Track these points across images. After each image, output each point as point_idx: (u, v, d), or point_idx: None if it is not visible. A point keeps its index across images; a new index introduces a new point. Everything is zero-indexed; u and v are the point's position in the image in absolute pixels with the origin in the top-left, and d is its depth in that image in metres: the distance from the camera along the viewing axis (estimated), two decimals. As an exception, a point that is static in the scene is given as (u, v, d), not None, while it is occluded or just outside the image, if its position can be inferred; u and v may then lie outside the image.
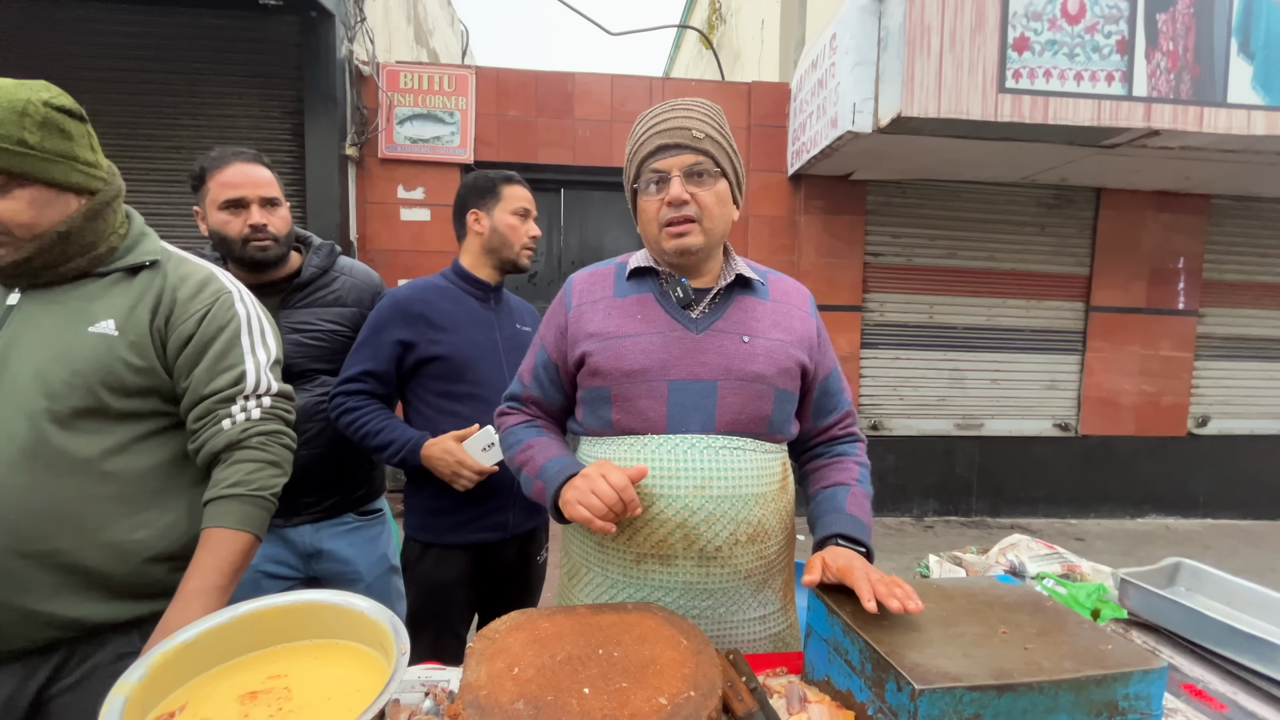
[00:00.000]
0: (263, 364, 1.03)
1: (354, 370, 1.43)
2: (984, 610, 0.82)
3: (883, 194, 4.39)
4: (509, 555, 1.54)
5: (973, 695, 0.64)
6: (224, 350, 0.99)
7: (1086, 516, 4.71)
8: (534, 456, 1.01)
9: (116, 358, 0.91)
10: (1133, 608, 1.05)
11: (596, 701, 0.64)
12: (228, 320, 1.00)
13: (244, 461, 0.96)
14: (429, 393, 1.48)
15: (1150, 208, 4.53)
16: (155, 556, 0.92)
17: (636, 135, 1.00)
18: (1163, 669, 0.70)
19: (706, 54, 7.19)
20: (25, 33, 3.60)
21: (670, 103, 0.99)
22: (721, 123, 1.00)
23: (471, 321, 1.51)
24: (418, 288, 1.50)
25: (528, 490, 1.01)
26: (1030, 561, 1.73)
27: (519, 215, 1.56)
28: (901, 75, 3.06)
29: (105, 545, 0.88)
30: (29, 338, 0.89)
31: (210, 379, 0.97)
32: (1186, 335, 4.67)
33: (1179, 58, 3.16)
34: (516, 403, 1.13)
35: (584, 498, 0.85)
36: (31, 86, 0.87)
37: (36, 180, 0.87)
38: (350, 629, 0.77)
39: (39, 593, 0.85)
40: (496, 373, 1.50)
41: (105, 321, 0.92)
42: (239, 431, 0.97)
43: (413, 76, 4.02)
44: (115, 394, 0.91)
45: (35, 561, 0.84)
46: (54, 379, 0.87)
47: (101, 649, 0.92)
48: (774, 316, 1.03)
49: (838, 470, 1.07)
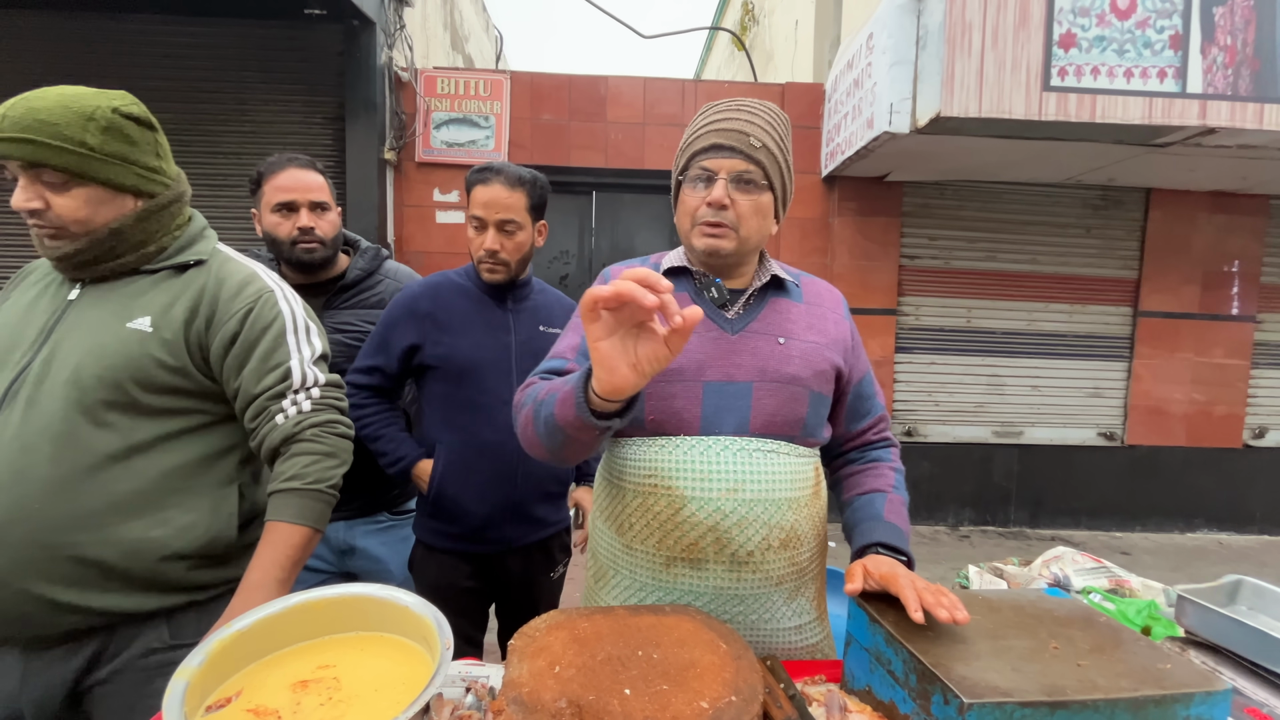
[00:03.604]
0: (307, 359, 1.04)
1: (365, 363, 1.43)
2: (1033, 624, 0.79)
3: (919, 195, 4.30)
4: (514, 567, 1.48)
5: (1024, 712, 0.62)
6: (271, 349, 1.00)
7: (1133, 530, 4.53)
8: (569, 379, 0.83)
9: (147, 354, 0.92)
10: (1191, 626, 1.01)
11: (638, 703, 0.64)
12: (272, 319, 1.01)
13: (300, 455, 0.98)
14: (434, 397, 1.44)
15: (1204, 209, 4.33)
16: (171, 555, 0.93)
17: (695, 127, 0.98)
18: (1227, 691, 0.66)
19: (739, 56, 7.16)
20: (88, 45, 3.79)
21: (736, 101, 0.97)
22: (784, 134, 0.98)
23: (482, 323, 1.43)
24: (430, 284, 1.45)
25: (551, 408, 0.81)
26: (1075, 575, 1.67)
27: (474, 226, 1.40)
28: (941, 74, 2.99)
29: (120, 542, 0.89)
30: (77, 331, 0.92)
31: (260, 378, 0.99)
32: (1242, 342, 4.45)
33: (1237, 52, 3.02)
34: (554, 375, 0.97)
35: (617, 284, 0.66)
36: (109, 95, 0.93)
37: (94, 180, 0.91)
38: (395, 622, 0.78)
39: (61, 582, 0.86)
40: (503, 381, 1.41)
41: (142, 318, 0.94)
42: (292, 425, 0.99)
43: (449, 82, 4.10)
44: (144, 390, 0.92)
45: (54, 551, 0.86)
46: (87, 372, 0.89)
47: (133, 642, 0.93)
48: (808, 319, 1.02)
49: (873, 476, 1.05)
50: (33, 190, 0.89)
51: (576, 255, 4.40)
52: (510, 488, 1.42)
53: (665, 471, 0.94)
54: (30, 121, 0.86)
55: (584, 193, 4.34)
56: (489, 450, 1.40)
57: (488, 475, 1.40)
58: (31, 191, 0.89)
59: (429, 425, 1.45)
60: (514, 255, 1.41)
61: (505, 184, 1.39)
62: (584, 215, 4.38)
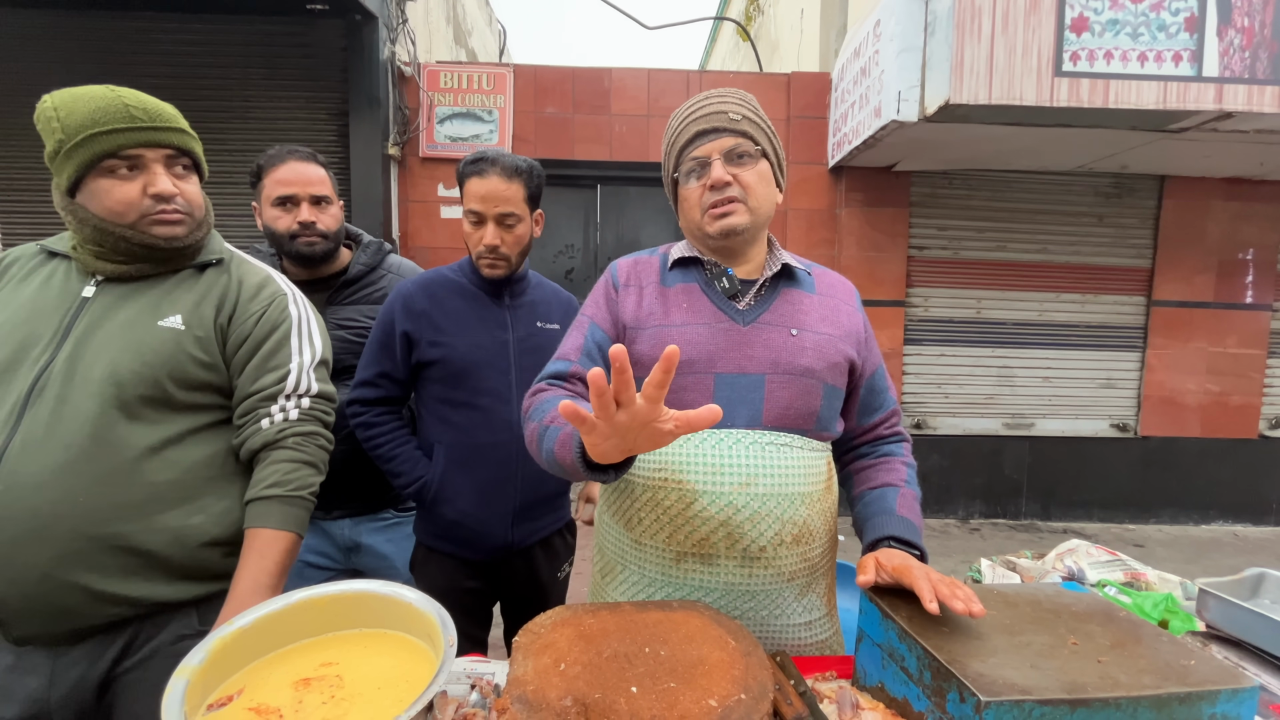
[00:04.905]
0: (306, 364, 1.06)
1: (370, 373, 1.38)
2: (1050, 619, 0.77)
3: (928, 185, 4.24)
4: (517, 568, 1.44)
5: (1043, 710, 0.60)
6: (273, 350, 1.03)
7: (1147, 522, 4.47)
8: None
9: (183, 351, 0.95)
10: (1212, 620, 0.98)
11: (645, 701, 0.62)
12: (280, 321, 1.05)
13: (281, 461, 0.99)
14: (430, 397, 1.39)
15: (1219, 196, 4.25)
16: (211, 541, 0.96)
17: (674, 126, 1.00)
18: (1254, 688, 0.64)
19: (744, 46, 7.09)
20: (86, 42, 3.79)
21: (704, 93, 0.99)
22: (756, 106, 0.99)
23: (478, 321, 1.38)
24: (424, 281, 1.40)
25: (551, 445, 0.82)
26: (1090, 568, 1.64)
27: (471, 220, 1.34)
28: (950, 61, 2.94)
29: (164, 530, 0.92)
30: (105, 329, 0.93)
31: (256, 378, 1.01)
32: (1258, 331, 4.37)
33: (1255, 34, 2.95)
34: (559, 380, 0.98)
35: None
36: None
37: (200, 174, 1.03)
38: (398, 619, 0.77)
39: (104, 572, 0.88)
40: (501, 380, 1.37)
41: (173, 316, 0.97)
42: (275, 431, 1.00)
43: (452, 76, 4.08)
44: (179, 386, 0.95)
45: (100, 543, 0.87)
46: (124, 369, 0.91)
47: (164, 630, 0.95)
48: (821, 310, 1.00)
49: (885, 471, 1.03)
50: (171, 178, 0.97)
51: (581, 249, 4.38)
52: (511, 489, 1.38)
53: (676, 465, 0.92)
54: (168, 115, 0.96)
55: (589, 186, 4.31)
56: (488, 450, 1.37)
57: (488, 476, 1.37)
58: (171, 179, 0.97)
59: (428, 425, 1.42)
60: (514, 249, 1.36)
61: (502, 175, 1.31)
62: (589, 209, 4.35)
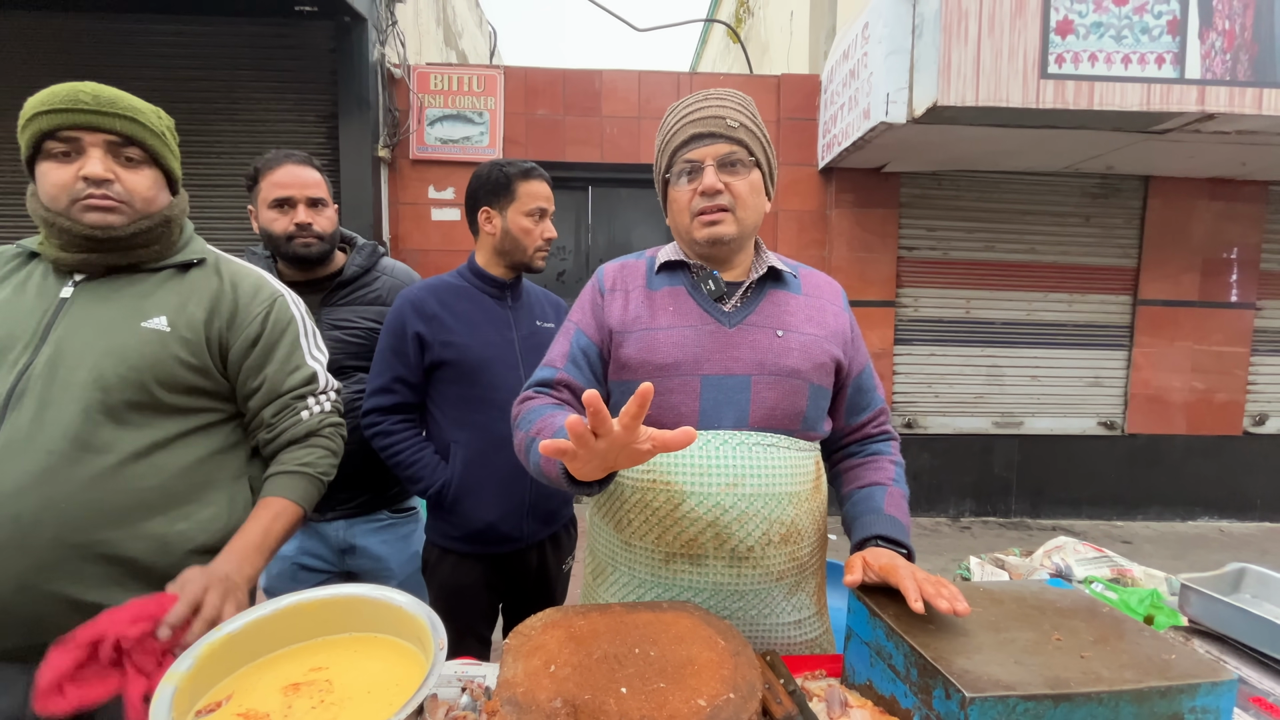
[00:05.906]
0: (322, 364, 1.11)
1: (384, 379, 1.39)
2: (1035, 616, 0.78)
3: (917, 186, 4.28)
4: (530, 562, 1.49)
5: (1027, 705, 0.61)
6: (290, 350, 1.06)
7: (1134, 519, 4.53)
8: (554, 422, 0.87)
9: (169, 354, 0.94)
10: (1194, 615, 1.00)
11: (634, 702, 0.63)
12: (288, 322, 1.07)
13: (317, 447, 1.05)
14: (443, 399, 1.42)
15: (1203, 196, 4.32)
16: (196, 549, 0.94)
17: (668, 125, 0.98)
18: (1233, 681, 0.65)
19: (734, 48, 7.12)
20: (74, 44, 3.76)
21: (703, 92, 0.98)
22: (754, 112, 0.98)
23: (486, 321, 1.44)
24: (430, 287, 1.45)
25: (537, 458, 0.82)
26: (1077, 565, 1.66)
27: (533, 216, 1.45)
28: (937, 63, 2.97)
29: (148, 537, 0.90)
30: (84, 331, 0.92)
31: (285, 377, 1.04)
32: (1242, 329, 4.44)
33: (1236, 37, 3.00)
34: (546, 388, 1.00)
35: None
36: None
37: (162, 168, 1.01)
38: (388, 623, 0.77)
39: (86, 582, 0.86)
40: (512, 375, 1.42)
41: (158, 318, 0.95)
42: (316, 421, 1.07)
43: (442, 78, 4.07)
44: (166, 389, 0.94)
45: (82, 551, 0.86)
46: (110, 372, 0.90)
47: None
48: (807, 311, 1.01)
49: (873, 470, 1.04)
50: (107, 163, 0.94)
51: (573, 251, 4.38)
52: (527, 482, 1.42)
53: (664, 467, 0.93)
54: (124, 103, 0.94)
55: (580, 188, 4.31)
56: (505, 445, 1.36)
57: (505, 471, 1.40)
58: (107, 164, 0.94)
59: (443, 426, 1.43)
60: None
61: (547, 180, 1.51)
62: (580, 210, 4.36)
